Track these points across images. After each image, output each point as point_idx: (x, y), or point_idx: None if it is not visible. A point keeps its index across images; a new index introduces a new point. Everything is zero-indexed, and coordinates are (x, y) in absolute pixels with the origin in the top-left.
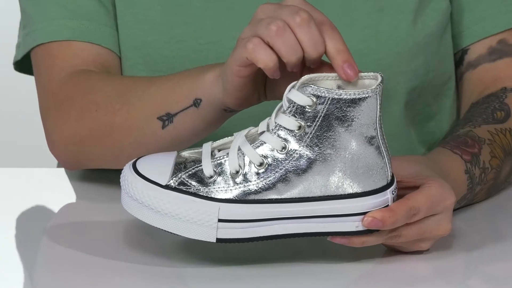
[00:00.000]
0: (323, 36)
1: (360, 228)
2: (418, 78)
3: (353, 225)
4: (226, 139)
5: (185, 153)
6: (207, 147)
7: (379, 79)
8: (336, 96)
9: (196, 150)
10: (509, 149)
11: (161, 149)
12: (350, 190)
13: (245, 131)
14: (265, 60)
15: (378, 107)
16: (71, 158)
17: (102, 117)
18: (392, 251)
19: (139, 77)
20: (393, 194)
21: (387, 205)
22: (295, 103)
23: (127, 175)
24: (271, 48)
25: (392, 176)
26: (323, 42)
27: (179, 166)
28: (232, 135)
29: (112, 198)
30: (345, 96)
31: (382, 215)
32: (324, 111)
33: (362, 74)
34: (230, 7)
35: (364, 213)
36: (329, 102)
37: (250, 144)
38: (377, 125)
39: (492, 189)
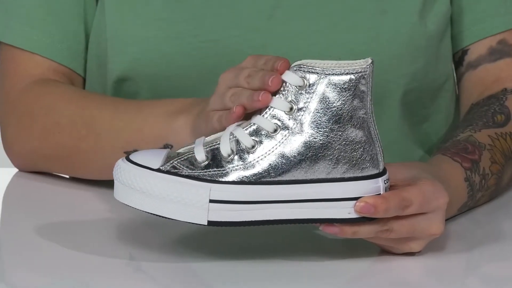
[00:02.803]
0: None
1: (352, 215)
2: (417, 80)
3: (345, 211)
4: (218, 134)
5: (178, 150)
6: (199, 140)
7: (370, 61)
8: (327, 75)
9: (188, 146)
10: (510, 154)
11: None
12: (342, 174)
13: (237, 123)
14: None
15: (369, 90)
16: (31, 168)
17: (67, 140)
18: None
19: (103, 103)
20: (385, 183)
21: (379, 194)
22: (287, 83)
23: (120, 164)
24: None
25: (384, 168)
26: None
27: (172, 155)
28: None
29: (109, 197)
30: (336, 77)
31: (374, 201)
32: (315, 92)
33: (353, 61)
34: (230, 5)
35: (356, 199)
36: (320, 83)
37: (242, 129)
38: (369, 109)
39: (495, 194)
